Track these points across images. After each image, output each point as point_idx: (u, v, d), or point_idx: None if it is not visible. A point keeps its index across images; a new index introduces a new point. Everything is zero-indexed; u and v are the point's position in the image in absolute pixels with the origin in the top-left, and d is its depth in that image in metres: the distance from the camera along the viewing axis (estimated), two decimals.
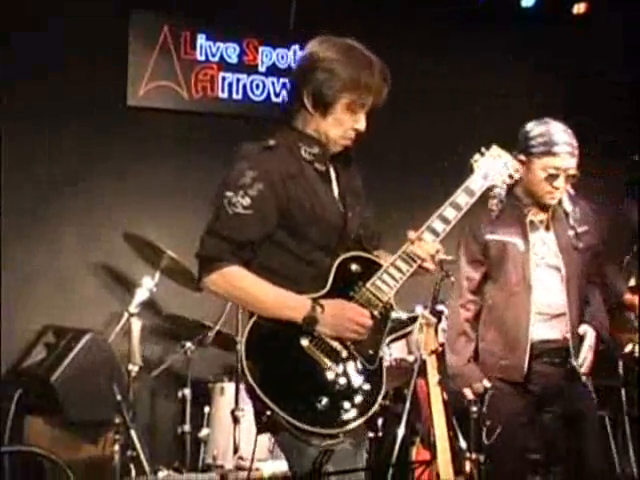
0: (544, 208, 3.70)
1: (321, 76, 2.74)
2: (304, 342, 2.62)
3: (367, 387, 2.61)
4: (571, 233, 3.67)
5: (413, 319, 2.76)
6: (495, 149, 2.96)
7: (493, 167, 2.94)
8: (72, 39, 5.40)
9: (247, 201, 2.66)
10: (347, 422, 2.55)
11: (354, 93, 2.75)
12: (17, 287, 5.21)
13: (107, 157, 5.52)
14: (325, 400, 2.55)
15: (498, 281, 3.71)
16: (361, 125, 2.83)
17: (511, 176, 2.97)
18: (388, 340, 2.71)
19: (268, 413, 2.53)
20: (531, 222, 3.70)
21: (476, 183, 2.89)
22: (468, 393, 3.76)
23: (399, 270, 2.74)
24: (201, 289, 2.71)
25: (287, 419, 2.51)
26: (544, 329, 3.65)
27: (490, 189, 3.34)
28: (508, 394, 3.67)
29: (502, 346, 3.68)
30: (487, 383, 3.68)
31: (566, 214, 3.70)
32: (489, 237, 3.71)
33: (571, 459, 3.70)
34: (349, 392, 2.59)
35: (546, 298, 3.65)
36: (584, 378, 3.65)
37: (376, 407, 2.61)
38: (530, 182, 3.66)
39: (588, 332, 3.66)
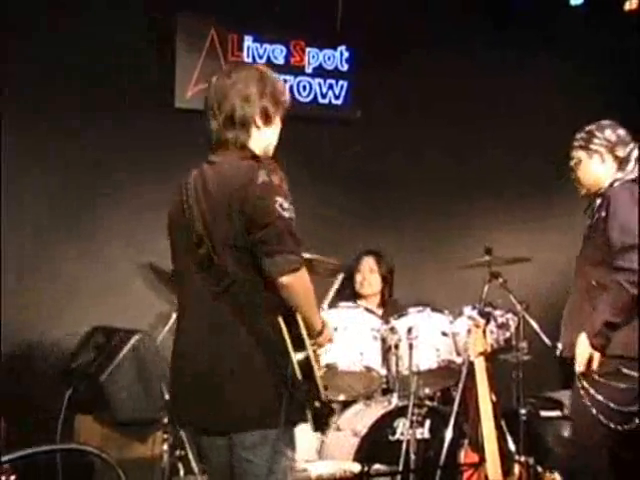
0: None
1: (268, 93, 3.00)
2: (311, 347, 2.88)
3: None
4: (587, 223, 3.87)
5: None
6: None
7: None
8: (120, 42, 5.45)
9: (292, 207, 2.84)
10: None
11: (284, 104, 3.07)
12: (67, 288, 5.28)
13: (155, 159, 5.55)
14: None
15: None
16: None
17: None
18: None
19: None
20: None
21: None
22: None
23: None
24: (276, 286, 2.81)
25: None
26: None
27: None
28: None
29: None
30: None
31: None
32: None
33: None
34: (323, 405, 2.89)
35: None
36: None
37: None
38: None
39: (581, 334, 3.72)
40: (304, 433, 2.95)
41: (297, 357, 2.80)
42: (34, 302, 5.17)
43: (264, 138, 3.04)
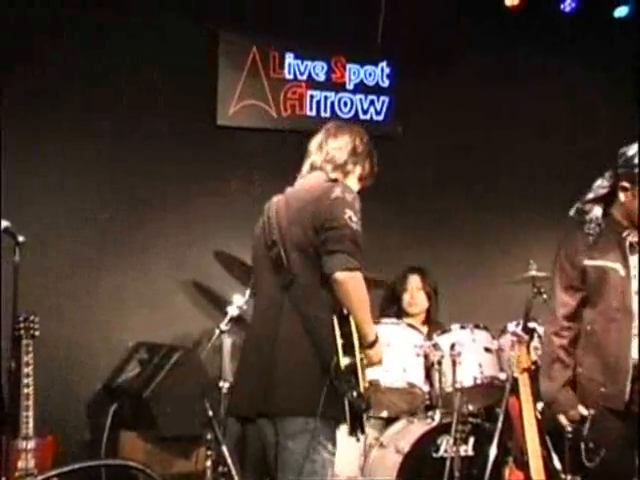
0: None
1: (369, 160, 3.50)
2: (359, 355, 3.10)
3: None
4: None
5: None
6: None
7: None
8: (162, 61, 5.51)
9: (360, 225, 3.14)
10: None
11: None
12: (111, 305, 5.32)
13: (197, 176, 5.59)
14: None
15: (597, 307, 3.59)
16: None
17: None
18: None
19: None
20: (631, 245, 3.56)
21: None
22: (563, 420, 3.66)
23: None
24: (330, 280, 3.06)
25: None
26: None
27: (586, 212, 3.40)
28: (609, 420, 3.53)
29: (602, 372, 3.55)
30: (583, 410, 3.56)
31: None
32: (587, 262, 3.59)
33: None
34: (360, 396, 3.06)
35: None
36: None
37: None
38: (632, 207, 3.53)
39: None
40: (347, 449, 2.96)
41: (344, 361, 3.02)
42: (79, 318, 5.22)
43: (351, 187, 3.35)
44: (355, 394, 3.01)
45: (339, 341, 3.04)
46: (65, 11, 5.27)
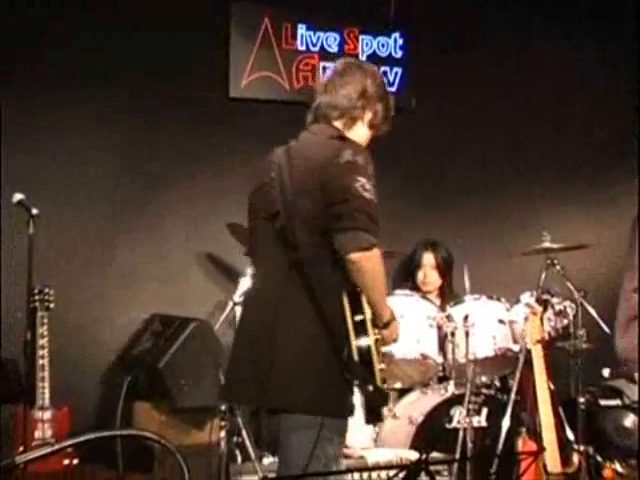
0: None
1: (383, 104, 3.20)
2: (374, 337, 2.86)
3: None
4: None
5: None
6: None
7: None
8: (173, 32, 5.47)
9: (374, 191, 2.86)
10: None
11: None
12: (125, 278, 5.34)
13: (210, 148, 5.59)
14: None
15: None
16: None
17: None
18: None
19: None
20: None
21: None
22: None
23: None
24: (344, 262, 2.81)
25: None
26: None
27: None
28: None
29: None
30: None
31: None
32: None
33: None
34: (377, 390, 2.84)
35: None
36: None
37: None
38: None
39: None
40: (360, 420, 2.96)
41: (358, 343, 2.77)
42: (93, 290, 5.24)
43: (360, 134, 3.12)
44: (371, 388, 2.75)
45: (350, 322, 2.78)
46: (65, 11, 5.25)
